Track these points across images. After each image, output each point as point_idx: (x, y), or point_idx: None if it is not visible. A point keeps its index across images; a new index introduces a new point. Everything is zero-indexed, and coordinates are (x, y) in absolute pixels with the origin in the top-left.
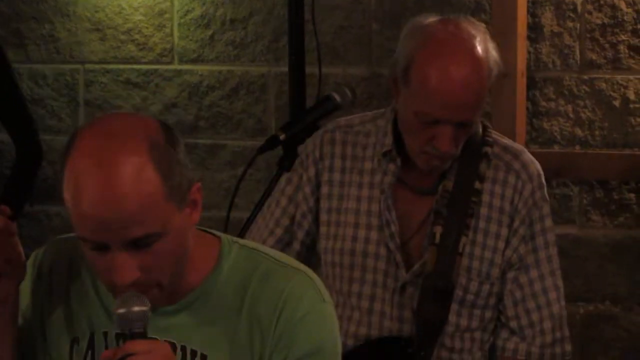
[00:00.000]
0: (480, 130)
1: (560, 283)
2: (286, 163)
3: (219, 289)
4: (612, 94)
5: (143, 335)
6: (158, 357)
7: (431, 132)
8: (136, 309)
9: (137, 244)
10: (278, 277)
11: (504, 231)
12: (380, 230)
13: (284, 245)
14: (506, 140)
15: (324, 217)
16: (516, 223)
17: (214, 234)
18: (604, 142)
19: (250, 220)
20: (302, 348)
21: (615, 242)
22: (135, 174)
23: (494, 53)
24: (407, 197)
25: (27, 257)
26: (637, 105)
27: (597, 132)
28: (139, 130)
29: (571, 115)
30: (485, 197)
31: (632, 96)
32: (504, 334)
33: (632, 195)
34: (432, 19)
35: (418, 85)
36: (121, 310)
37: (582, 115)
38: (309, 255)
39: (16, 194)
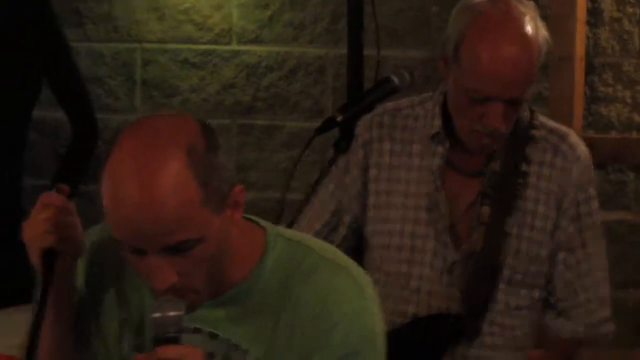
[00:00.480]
0: (528, 114)
1: (606, 264)
2: (343, 145)
3: (262, 285)
4: None
5: (176, 340)
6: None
7: (481, 110)
8: (172, 314)
9: (175, 249)
10: (321, 274)
11: (553, 213)
12: (429, 211)
13: (330, 229)
14: (553, 123)
15: (372, 199)
16: (565, 205)
17: (259, 224)
18: None
19: (305, 202)
20: (339, 350)
21: None
22: (173, 181)
23: (543, 31)
24: (455, 179)
25: None
26: None
27: None
28: (180, 135)
29: (629, 101)
30: (533, 179)
31: None
32: (552, 314)
33: None
34: None
35: (469, 63)
36: (156, 315)
37: None
38: (356, 239)
39: (72, 173)
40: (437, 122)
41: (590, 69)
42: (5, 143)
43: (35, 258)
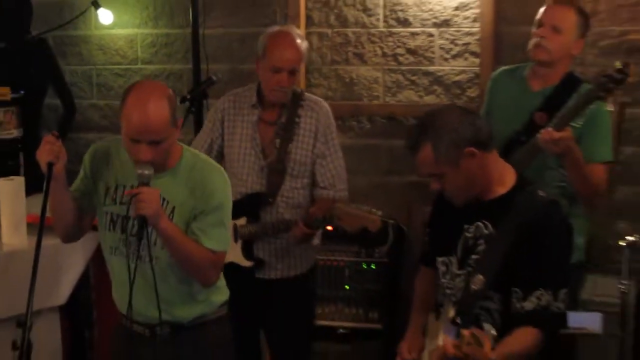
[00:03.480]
0: (299, 91)
1: (343, 163)
2: (191, 101)
3: (181, 170)
4: None
5: (148, 185)
6: (153, 196)
7: (276, 79)
8: (146, 172)
9: (155, 142)
10: (208, 168)
11: (312, 140)
12: (251, 141)
13: (208, 150)
14: (311, 95)
15: (226, 137)
16: (318, 135)
17: (182, 145)
18: None
19: (196, 136)
20: (214, 203)
21: None
22: (160, 110)
23: (305, 42)
24: (263, 126)
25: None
26: None
27: None
28: (162, 88)
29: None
30: (301, 124)
31: None
32: (318, 190)
33: None
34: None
35: (269, 53)
36: (139, 172)
37: None
38: (220, 155)
39: (63, 127)
40: (254, 98)
41: None
42: (37, 115)
43: (43, 166)
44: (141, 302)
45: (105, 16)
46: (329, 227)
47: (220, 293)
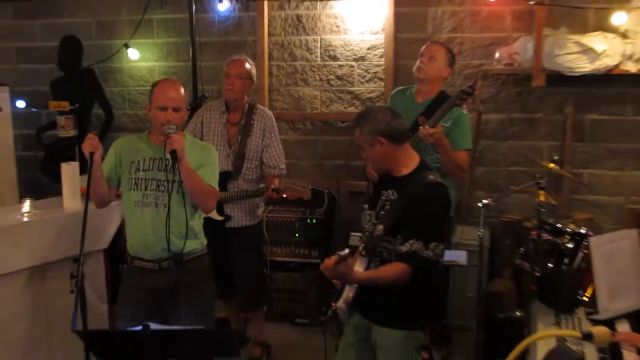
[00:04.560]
0: (254, 102)
1: (281, 148)
2: (190, 110)
3: (186, 142)
4: None
5: (170, 138)
6: (180, 138)
7: (230, 84)
8: (172, 127)
9: (176, 110)
10: (203, 143)
11: (261, 135)
12: (221, 136)
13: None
14: (262, 107)
15: (204, 133)
16: (265, 133)
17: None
18: None
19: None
20: (210, 160)
21: None
22: (180, 90)
23: (254, 69)
24: (229, 126)
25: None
26: None
27: None
28: (179, 81)
29: None
30: (255, 126)
31: None
32: (266, 169)
33: None
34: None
35: (229, 70)
36: (166, 127)
37: None
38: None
39: (103, 131)
40: (224, 107)
41: None
42: (86, 120)
43: (86, 155)
44: (155, 243)
45: (133, 54)
46: (285, 195)
47: (204, 237)
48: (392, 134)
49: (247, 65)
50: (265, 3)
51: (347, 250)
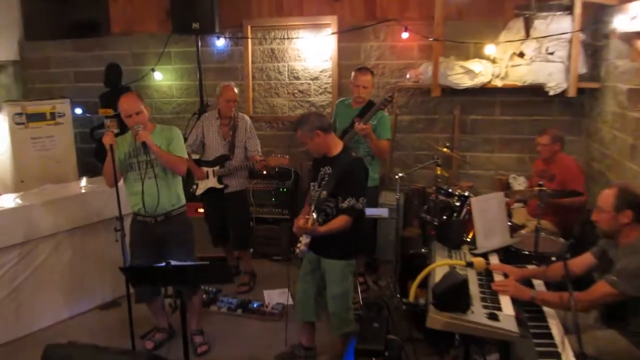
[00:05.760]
0: (236, 113)
1: (258, 142)
2: (198, 114)
3: (158, 129)
4: None
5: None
6: (144, 134)
7: (228, 105)
8: (140, 126)
9: (137, 113)
10: (170, 127)
11: (244, 132)
12: (218, 134)
13: (196, 142)
14: (240, 113)
15: (205, 135)
16: (247, 130)
17: (155, 123)
18: None
19: (190, 134)
20: (174, 136)
21: None
22: (134, 98)
23: (237, 89)
24: (222, 127)
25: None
26: None
27: None
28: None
29: None
30: (240, 125)
31: None
32: (249, 153)
33: None
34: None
35: (222, 94)
36: (135, 127)
37: None
38: (202, 144)
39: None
40: (217, 116)
41: None
42: (124, 123)
43: (107, 147)
44: (150, 203)
45: (157, 76)
46: (271, 163)
47: (184, 198)
48: (324, 127)
49: (236, 91)
50: (249, 40)
51: (314, 215)
